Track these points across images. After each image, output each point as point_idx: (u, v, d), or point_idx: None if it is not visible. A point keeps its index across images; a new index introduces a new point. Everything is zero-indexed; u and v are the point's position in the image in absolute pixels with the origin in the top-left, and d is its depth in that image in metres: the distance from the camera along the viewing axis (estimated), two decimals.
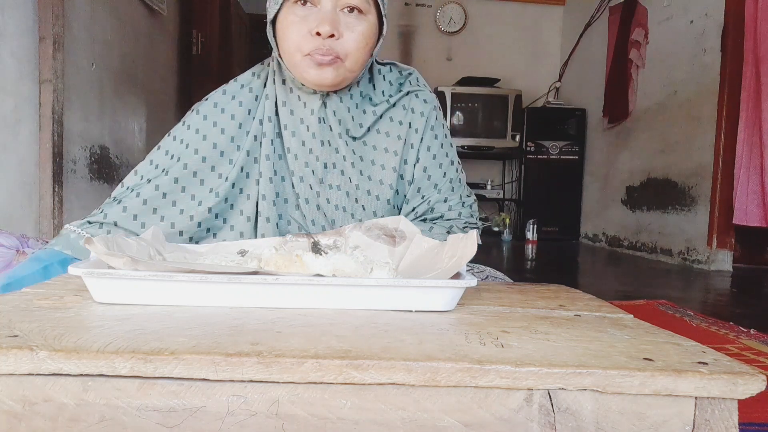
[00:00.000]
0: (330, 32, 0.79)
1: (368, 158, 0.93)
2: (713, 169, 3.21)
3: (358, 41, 0.81)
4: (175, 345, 0.43)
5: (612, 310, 0.64)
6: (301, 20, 0.80)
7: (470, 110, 4.75)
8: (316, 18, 0.79)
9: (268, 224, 0.86)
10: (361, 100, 0.93)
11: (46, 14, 2.00)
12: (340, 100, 0.90)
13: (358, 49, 0.82)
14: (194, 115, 0.91)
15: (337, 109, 0.90)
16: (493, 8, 5.22)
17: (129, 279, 0.55)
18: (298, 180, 0.88)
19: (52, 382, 0.41)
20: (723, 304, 2.28)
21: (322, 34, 0.79)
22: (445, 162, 0.97)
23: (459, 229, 0.94)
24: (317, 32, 0.79)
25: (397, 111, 0.95)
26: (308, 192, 0.89)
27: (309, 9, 0.80)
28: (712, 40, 3.25)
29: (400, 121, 0.94)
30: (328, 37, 0.79)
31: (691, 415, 0.42)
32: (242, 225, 0.88)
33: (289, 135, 0.89)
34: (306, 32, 0.80)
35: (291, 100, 0.90)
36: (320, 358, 0.41)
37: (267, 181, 0.87)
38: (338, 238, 0.80)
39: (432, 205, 0.95)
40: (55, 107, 2.06)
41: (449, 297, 0.58)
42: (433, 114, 0.97)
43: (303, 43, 0.81)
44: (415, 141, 0.94)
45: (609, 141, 4.40)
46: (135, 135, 2.97)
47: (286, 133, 0.89)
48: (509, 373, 0.41)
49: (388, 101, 0.94)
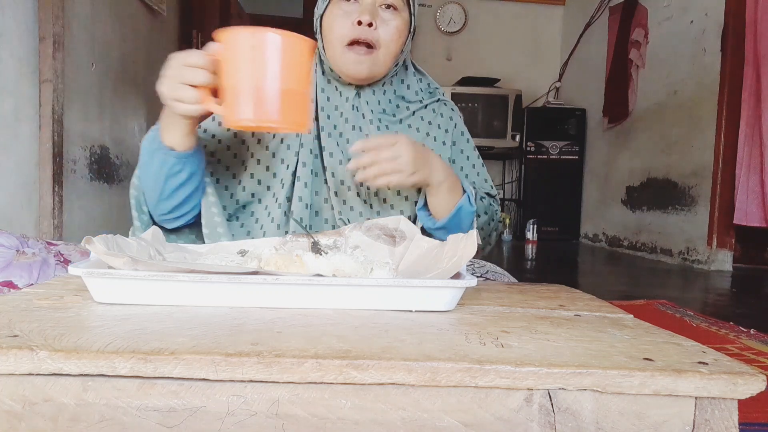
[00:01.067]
0: (369, 20, 0.90)
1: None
2: (713, 169, 3.21)
3: (392, 33, 0.92)
4: (175, 345, 0.43)
5: (612, 310, 0.64)
6: (345, 14, 0.92)
7: (470, 110, 4.75)
8: (358, 10, 0.91)
9: (305, 189, 0.94)
10: (394, 96, 1.03)
11: (46, 14, 2.00)
12: (373, 92, 1.00)
13: (392, 41, 0.93)
14: None
15: (370, 100, 1.00)
16: (493, 8, 5.22)
17: (129, 279, 0.55)
18: (328, 155, 0.96)
19: (52, 382, 0.41)
20: (723, 304, 2.28)
21: (363, 23, 0.90)
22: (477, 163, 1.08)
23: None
24: (358, 21, 0.90)
25: (428, 113, 1.04)
26: (337, 166, 0.96)
27: (352, 5, 0.92)
28: (712, 40, 3.25)
29: (430, 122, 1.04)
30: (367, 25, 0.90)
31: (691, 415, 0.42)
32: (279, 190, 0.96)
33: (325, 117, 0.98)
34: (349, 23, 0.91)
35: (329, 89, 1.00)
36: (320, 358, 0.41)
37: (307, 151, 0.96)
38: (338, 238, 0.80)
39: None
40: (55, 107, 2.06)
41: (449, 297, 0.58)
42: (461, 121, 1.10)
43: (345, 33, 0.91)
44: (447, 140, 1.04)
45: (609, 141, 4.40)
46: (135, 135, 2.97)
47: (321, 115, 0.98)
48: (509, 373, 0.41)
49: (421, 101, 1.05)
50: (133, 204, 0.93)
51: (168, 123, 0.81)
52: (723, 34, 3.15)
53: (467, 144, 1.08)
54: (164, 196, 0.87)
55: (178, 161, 0.83)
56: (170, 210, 0.90)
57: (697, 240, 3.34)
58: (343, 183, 0.95)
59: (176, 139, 0.82)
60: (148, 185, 0.88)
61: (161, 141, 0.82)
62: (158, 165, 0.84)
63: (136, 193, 0.92)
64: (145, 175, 0.88)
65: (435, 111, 1.05)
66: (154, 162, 0.84)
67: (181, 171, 0.85)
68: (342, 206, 0.95)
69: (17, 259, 1.13)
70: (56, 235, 2.07)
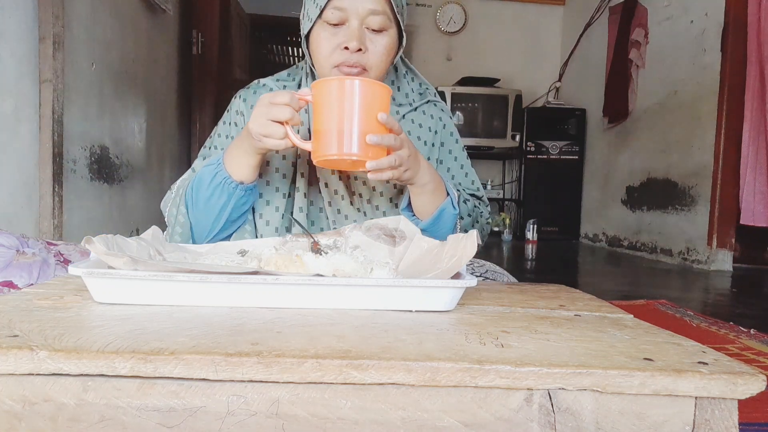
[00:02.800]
0: (357, 47, 0.87)
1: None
2: (713, 169, 3.21)
3: (381, 54, 0.90)
4: (175, 345, 0.43)
5: (612, 310, 0.64)
6: (331, 36, 0.89)
7: (470, 110, 4.75)
8: (345, 34, 0.88)
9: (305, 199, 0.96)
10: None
11: (46, 14, 2.00)
12: None
13: (381, 62, 0.91)
14: (239, 101, 1.02)
15: None
16: (493, 8, 5.22)
17: (129, 279, 0.55)
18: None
19: (52, 382, 0.41)
20: (723, 304, 2.28)
21: (351, 49, 0.88)
22: (466, 164, 1.09)
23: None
24: (346, 47, 0.88)
25: (417, 115, 1.04)
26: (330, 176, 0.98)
27: (339, 29, 0.90)
28: (712, 40, 3.25)
29: (420, 124, 1.03)
30: (355, 51, 0.88)
31: (691, 415, 0.42)
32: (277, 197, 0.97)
33: None
34: (336, 46, 0.89)
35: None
36: (320, 358, 0.41)
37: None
38: (338, 238, 0.80)
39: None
40: (55, 107, 2.06)
41: (449, 297, 0.58)
42: (450, 122, 1.09)
43: (333, 56, 0.90)
44: (435, 141, 1.04)
45: (609, 141, 4.40)
46: (135, 135, 2.97)
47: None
48: (509, 373, 0.41)
49: (411, 104, 1.04)
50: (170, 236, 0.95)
51: (239, 157, 0.85)
52: (723, 34, 3.15)
53: (456, 144, 1.08)
54: (224, 227, 0.91)
55: (246, 194, 0.88)
56: (219, 232, 0.93)
57: (697, 240, 3.34)
58: (337, 192, 0.96)
59: (247, 173, 0.86)
60: (204, 219, 0.91)
61: (228, 176, 0.86)
62: (225, 200, 0.88)
63: (181, 230, 0.93)
64: (203, 209, 0.90)
65: (425, 113, 1.04)
66: (217, 196, 0.88)
67: (246, 203, 0.90)
68: (336, 215, 0.96)
69: (17, 259, 1.13)
70: (56, 235, 2.07)
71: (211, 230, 0.91)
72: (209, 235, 0.92)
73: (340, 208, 0.97)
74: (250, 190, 0.89)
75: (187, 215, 0.92)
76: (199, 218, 0.91)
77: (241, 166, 0.86)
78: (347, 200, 0.96)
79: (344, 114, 0.74)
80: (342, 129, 0.74)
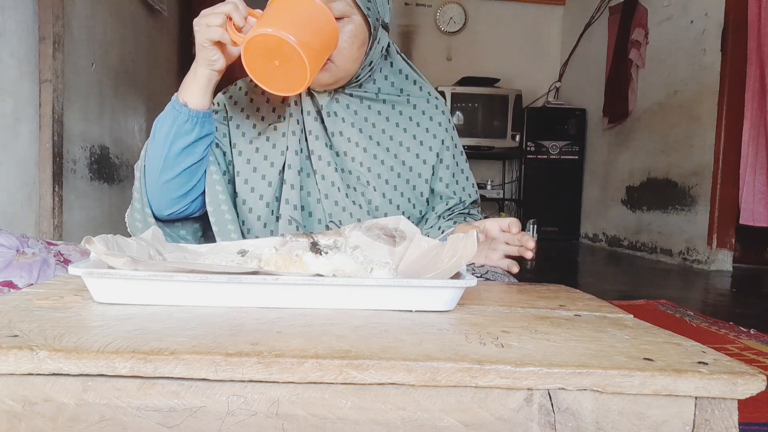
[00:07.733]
0: None
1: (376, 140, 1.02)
2: (713, 169, 3.21)
3: (344, 41, 0.90)
4: (175, 345, 0.43)
5: (612, 310, 0.64)
6: None
7: (470, 110, 4.75)
8: None
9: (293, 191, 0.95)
10: (375, 96, 1.02)
11: (46, 14, 2.00)
12: (350, 95, 1.00)
13: (345, 48, 0.90)
14: (220, 94, 1.02)
15: (350, 103, 1.00)
16: (493, 8, 5.22)
17: (129, 279, 0.55)
18: (317, 158, 0.98)
19: (52, 382, 0.41)
20: (723, 304, 2.28)
21: None
22: (465, 167, 1.10)
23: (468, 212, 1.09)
24: None
25: (417, 113, 1.04)
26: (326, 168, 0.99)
27: None
28: (712, 40, 3.24)
29: (410, 117, 1.04)
30: None
31: (691, 415, 0.42)
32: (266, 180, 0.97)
33: (311, 120, 0.99)
34: None
35: (305, 97, 1.00)
36: (320, 358, 0.41)
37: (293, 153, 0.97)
38: (338, 238, 0.80)
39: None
40: (55, 107, 2.06)
41: (449, 297, 0.58)
42: (451, 125, 1.09)
43: None
44: (434, 145, 1.04)
45: (609, 141, 4.40)
46: (135, 135, 2.97)
47: (308, 119, 0.98)
48: (509, 373, 0.41)
49: (408, 98, 1.04)
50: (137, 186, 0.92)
51: (189, 80, 0.83)
52: (723, 34, 3.15)
53: (455, 149, 1.09)
54: (169, 159, 0.86)
55: (190, 118, 0.83)
56: (171, 179, 0.87)
57: (697, 240, 3.34)
58: (333, 185, 0.97)
59: (193, 94, 0.83)
60: (155, 153, 0.87)
61: (176, 99, 0.84)
62: (169, 124, 0.84)
63: (138, 174, 0.91)
64: (153, 143, 0.87)
65: (425, 113, 1.05)
66: (166, 122, 0.85)
67: (192, 131, 0.84)
68: (333, 208, 0.97)
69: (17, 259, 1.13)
70: (56, 235, 2.07)
71: (162, 167, 0.86)
72: (161, 174, 0.87)
73: (337, 200, 0.97)
74: (196, 116, 0.84)
75: (146, 150, 0.89)
76: (151, 161, 0.87)
77: (189, 88, 0.83)
78: (343, 192, 0.97)
79: (300, 15, 0.77)
80: (292, 19, 0.76)
